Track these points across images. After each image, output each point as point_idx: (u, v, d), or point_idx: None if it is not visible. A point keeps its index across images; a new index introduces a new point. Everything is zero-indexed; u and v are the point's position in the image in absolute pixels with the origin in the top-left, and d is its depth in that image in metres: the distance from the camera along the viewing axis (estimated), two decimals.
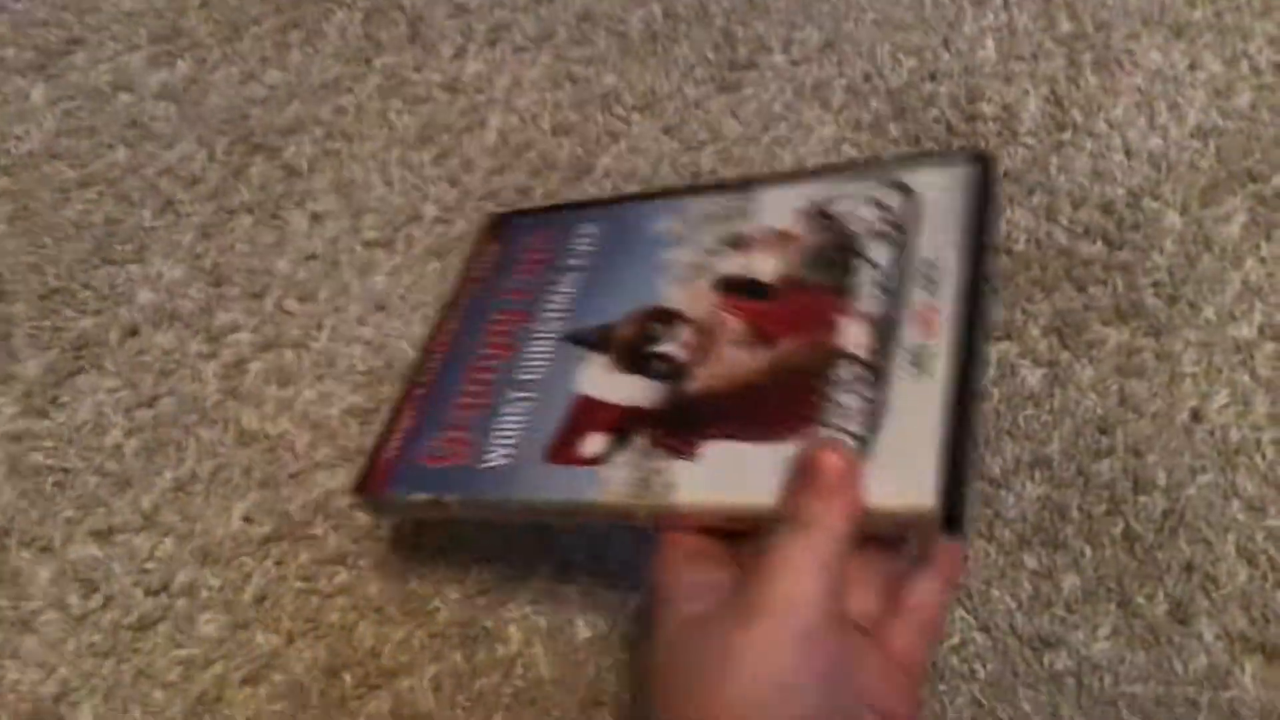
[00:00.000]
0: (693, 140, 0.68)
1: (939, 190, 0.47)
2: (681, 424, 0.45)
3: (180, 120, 0.70)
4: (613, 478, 0.44)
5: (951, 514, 0.38)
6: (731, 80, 0.70)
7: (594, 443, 0.46)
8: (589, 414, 0.47)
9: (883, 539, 0.43)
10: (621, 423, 0.46)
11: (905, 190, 0.48)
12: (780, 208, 0.50)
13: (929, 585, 0.44)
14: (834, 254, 0.47)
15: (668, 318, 0.49)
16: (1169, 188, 0.64)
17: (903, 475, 0.39)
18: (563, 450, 0.46)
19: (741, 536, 0.42)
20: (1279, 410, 0.57)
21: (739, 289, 0.48)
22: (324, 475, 0.58)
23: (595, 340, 0.49)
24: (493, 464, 0.47)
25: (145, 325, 0.63)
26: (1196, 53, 0.69)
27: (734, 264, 0.49)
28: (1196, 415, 0.57)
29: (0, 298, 0.64)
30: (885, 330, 0.44)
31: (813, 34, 0.72)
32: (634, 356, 0.48)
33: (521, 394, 0.49)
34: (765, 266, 0.48)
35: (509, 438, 0.48)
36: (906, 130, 0.67)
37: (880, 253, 0.46)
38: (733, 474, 0.42)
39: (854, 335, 0.44)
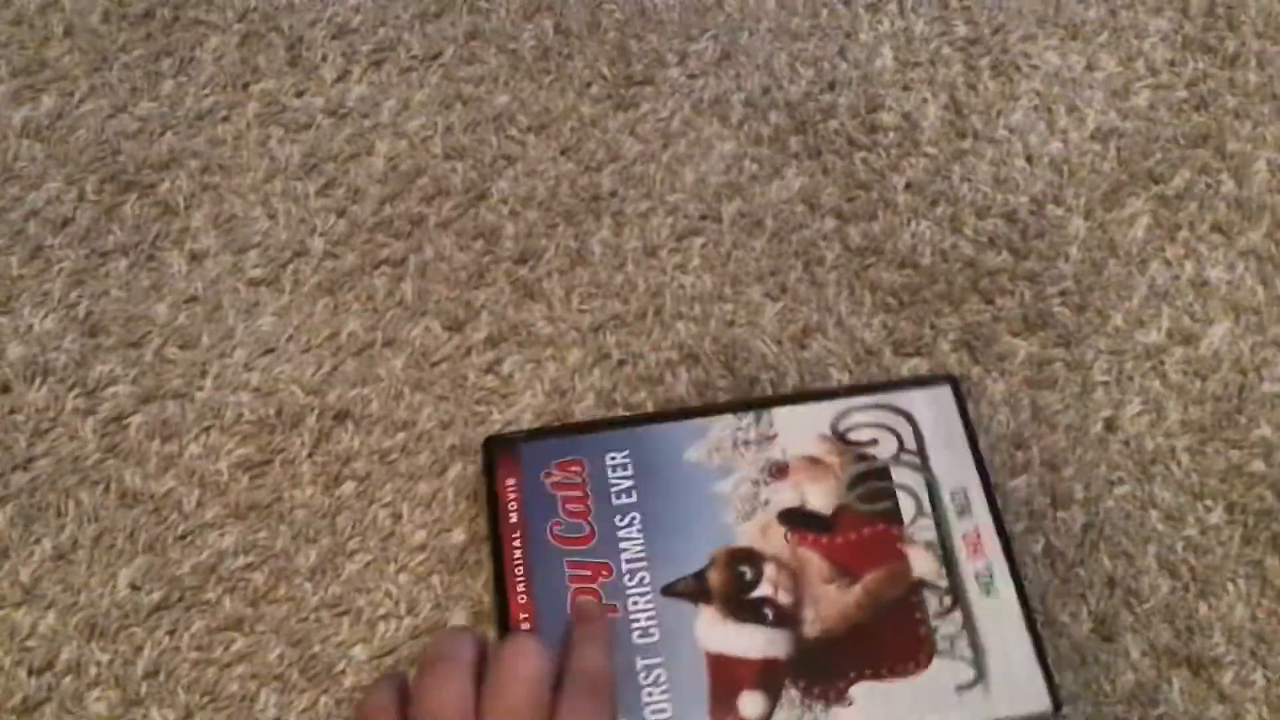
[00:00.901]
0: (591, 161, 0.66)
1: (930, 411, 0.55)
2: (819, 671, 0.49)
3: (46, 158, 0.66)
4: None
5: (1058, 703, 0.48)
6: (628, 97, 0.68)
7: (752, 702, 0.49)
8: (728, 672, 0.50)
9: None
10: (763, 676, 0.49)
11: (907, 416, 0.55)
12: (800, 432, 0.55)
13: None
14: (874, 485, 0.54)
15: (750, 558, 0.52)
16: (1071, 193, 0.64)
17: (1018, 689, 0.49)
18: (724, 714, 0.49)
19: None
20: (1192, 417, 0.57)
21: (803, 523, 0.53)
22: (214, 535, 0.55)
23: (694, 592, 0.52)
24: None
25: (16, 381, 0.59)
26: (1093, 53, 0.69)
27: (785, 495, 0.54)
28: (1110, 425, 0.57)
29: None
30: (948, 558, 0.52)
31: (708, 46, 0.70)
32: (738, 604, 0.51)
33: (650, 660, 0.50)
34: (816, 498, 0.53)
35: (662, 709, 0.49)
36: (807, 144, 0.66)
37: (911, 480, 0.54)
38: (887, 710, 0.48)
39: (923, 564, 0.52)
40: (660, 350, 0.60)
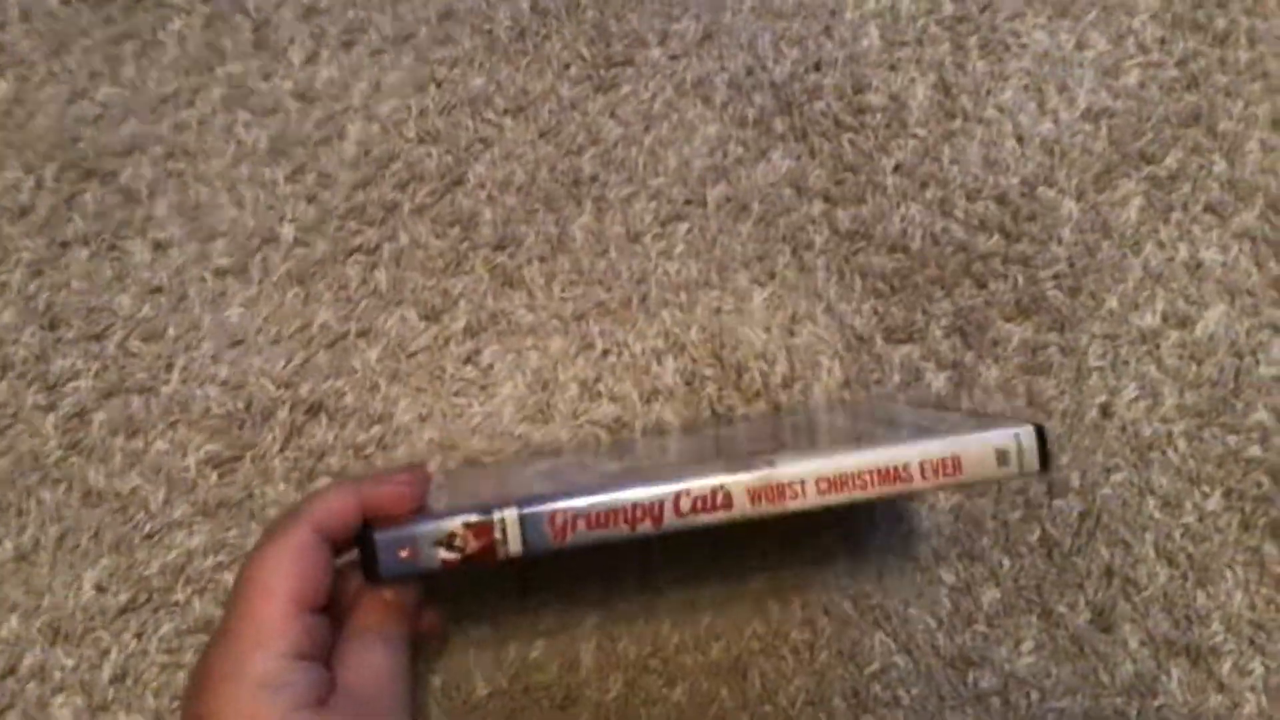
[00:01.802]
0: (571, 144, 0.64)
1: None
2: None
3: (4, 146, 0.64)
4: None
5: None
6: (608, 78, 0.66)
7: None
8: None
9: None
10: None
11: None
12: None
13: None
14: None
15: None
16: (1063, 174, 0.62)
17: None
18: None
19: None
20: (1188, 401, 0.56)
21: None
22: (183, 534, 0.53)
23: None
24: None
25: None
26: (1082, 31, 0.67)
27: None
28: (1106, 411, 0.56)
29: None
30: None
31: (690, 25, 0.68)
32: None
33: None
34: None
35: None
36: (793, 126, 0.64)
37: None
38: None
39: None
40: (646, 339, 0.58)
